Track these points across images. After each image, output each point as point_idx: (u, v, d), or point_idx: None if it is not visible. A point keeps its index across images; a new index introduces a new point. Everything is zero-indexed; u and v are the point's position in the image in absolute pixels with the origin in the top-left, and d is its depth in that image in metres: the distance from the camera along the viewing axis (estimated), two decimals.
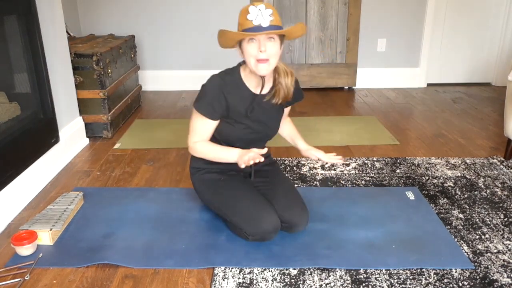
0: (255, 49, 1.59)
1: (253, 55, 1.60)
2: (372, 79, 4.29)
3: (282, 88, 1.73)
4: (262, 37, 1.58)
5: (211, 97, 1.71)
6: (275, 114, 1.87)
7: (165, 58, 4.19)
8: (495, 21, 4.16)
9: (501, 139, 2.88)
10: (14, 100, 2.22)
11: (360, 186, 2.26)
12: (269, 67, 1.63)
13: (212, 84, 1.72)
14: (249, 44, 1.60)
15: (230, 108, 1.73)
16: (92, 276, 1.60)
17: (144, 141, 2.92)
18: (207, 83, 1.73)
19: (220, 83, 1.72)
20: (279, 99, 1.76)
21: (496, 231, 1.85)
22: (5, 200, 1.96)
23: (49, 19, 2.44)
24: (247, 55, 1.62)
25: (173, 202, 2.10)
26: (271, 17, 1.56)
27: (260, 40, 1.58)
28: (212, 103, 1.71)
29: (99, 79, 2.86)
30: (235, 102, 1.74)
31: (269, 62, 1.62)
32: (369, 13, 4.06)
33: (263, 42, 1.58)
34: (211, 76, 1.74)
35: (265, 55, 1.59)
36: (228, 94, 1.72)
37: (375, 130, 3.10)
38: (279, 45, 1.64)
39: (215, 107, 1.71)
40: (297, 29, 1.64)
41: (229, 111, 1.74)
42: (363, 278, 1.57)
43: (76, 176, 2.42)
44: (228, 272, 1.60)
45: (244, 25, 1.58)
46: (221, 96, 1.71)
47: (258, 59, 1.60)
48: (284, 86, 1.73)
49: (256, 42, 1.59)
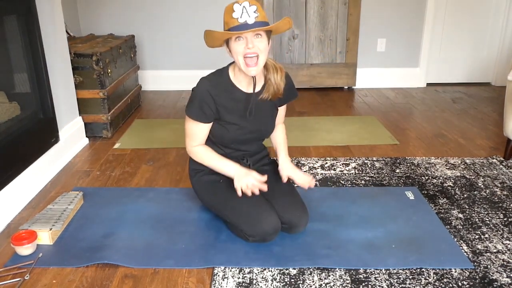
0: (242, 47, 1.59)
1: (241, 52, 1.59)
2: (372, 79, 4.29)
3: (272, 84, 1.73)
4: (249, 35, 1.57)
5: (200, 101, 1.70)
6: (270, 113, 1.85)
7: (165, 58, 4.19)
8: (495, 21, 4.17)
9: (500, 139, 2.88)
10: (14, 100, 2.22)
11: (360, 186, 2.26)
12: (258, 68, 1.62)
13: (199, 88, 1.71)
14: (236, 42, 1.60)
15: (221, 110, 1.73)
16: (92, 276, 1.60)
17: (144, 141, 2.92)
18: (196, 87, 1.73)
19: (208, 86, 1.71)
20: (269, 95, 1.74)
21: (496, 231, 1.85)
22: (5, 200, 1.96)
23: (49, 19, 2.44)
24: (235, 53, 1.62)
25: (173, 202, 2.10)
26: (256, 13, 1.55)
27: (247, 38, 1.58)
28: (201, 107, 1.71)
29: (99, 79, 2.86)
30: (226, 103, 1.73)
31: (258, 60, 1.60)
32: (369, 13, 4.06)
33: (250, 39, 1.58)
34: (200, 79, 1.73)
35: (254, 50, 1.58)
36: (217, 96, 1.71)
37: (375, 130, 3.10)
38: (266, 41, 1.63)
39: (205, 110, 1.71)
40: (283, 24, 1.63)
41: (220, 113, 1.73)
42: (362, 278, 1.57)
43: (76, 176, 2.42)
44: (228, 272, 1.60)
45: (229, 23, 1.58)
46: (210, 99, 1.70)
47: (247, 56, 1.59)
48: (273, 82, 1.72)
49: (243, 40, 1.58)
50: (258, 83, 1.75)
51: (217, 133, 1.79)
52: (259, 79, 1.74)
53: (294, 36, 4.06)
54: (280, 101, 1.86)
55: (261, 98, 1.76)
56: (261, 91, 1.76)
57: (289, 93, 1.85)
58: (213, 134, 1.80)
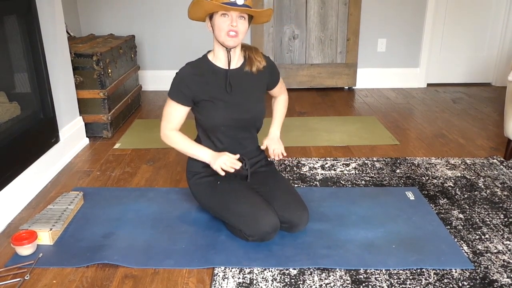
0: (227, 24, 1.67)
1: (224, 29, 1.68)
2: (372, 79, 4.29)
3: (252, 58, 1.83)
4: (234, 14, 1.67)
5: (179, 83, 1.79)
6: (256, 91, 1.89)
7: (165, 58, 4.19)
8: (495, 21, 4.17)
9: (501, 139, 2.88)
10: (14, 100, 2.22)
11: (360, 186, 2.26)
12: (237, 40, 1.71)
13: (181, 71, 1.80)
14: (221, 18, 1.68)
15: (201, 89, 1.78)
16: (92, 276, 1.60)
17: (144, 141, 2.92)
18: (178, 71, 1.81)
19: (188, 68, 1.80)
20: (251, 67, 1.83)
21: (496, 231, 1.85)
22: (5, 200, 1.96)
23: (49, 19, 2.44)
24: (217, 28, 1.70)
25: (173, 202, 2.10)
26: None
27: (232, 16, 1.67)
28: (180, 88, 1.78)
29: (99, 79, 2.86)
30: (208, 81, 1.79)
31: (237, 37, 1.70)
32: (369, 13, 4.07)
33: (235, 19, 1.67)
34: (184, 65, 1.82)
35: (236, 29, 1.68)
36: (198, 76, 1.78)
37: (375, 130, 3.10)
38: (247, 25, 1.73)
39: (185, 92, 1.78)
40: (265, 15, 1.75)
41: (200, 94, 1.78)
42: (363, 278, 1.57)
43: (76, 176, 2.42)
44: (228, 272, 1.60)
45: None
46: (190, 80, 1.77)
47: (229, 33, 1.68)
48: (254, 55, 1.84)
49: (228, 18, 1.67)
50: (238, 61, 1.83)
51: (207, 113, 1.81)
52: (238, 58, 1.83)
53: (295, 36, 4.06)
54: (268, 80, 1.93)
55: (244, 74, 1.84)
56: (241, 68, 1.84)
57: (272, 68, 1.93)
58: (204, 115, 1.82)
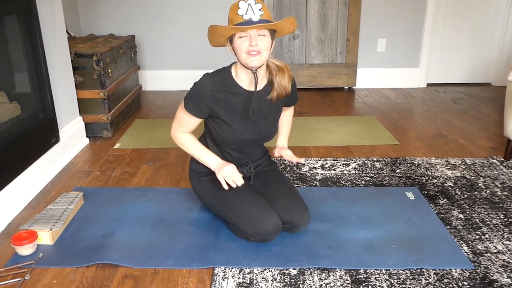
0: (246, 44, 1.58)
1: (244, 50, 1.59)
2: (372, 79, 4.29)
3: (276, 87, 1.73)
4: (253, 32, 1.57)
5: (198, 97, 1.71)
6: (273, 114, 1.84)
7: (165, 58, 4.19)
8: (495, 21, 4.16)
9: (501, 139, 2.88)
10: (14, 100, 2.22)
11: (360, 186, 2.26)
12: (261, 59, 1.61)
13: (200, 84, 1.71)
14: (240, 40, 1.59)
15: (219, 107, 1.72)
16: (92, 276, 1.60)
17: (144, 141, 2.92)
18: (198, 81, 1.73)
19: (209, 82, 1.70)
20: (274, 96, 1.74)
21: (496, 231, 1.85)
22: (5, 200, 1.96)
23: (49, 19, 2.44)
24: (238, 50, 1.61)
25: (173, 202, 2.10)
26: (261, 11, 1.56)
27: (251, 35, 1.58)
28: (198, 103, 1.71)
29: (99, 79, 2.86)
30: (227, 99, 1.72)
31: (261, 55, 1.60)
32: (369, 13, 4.07)
33: (254, 37, 1.57)
34: (203, 75, 1.73)
35: (257, 48, 1.58)
36: (218, 92, 1.70)
37: (375, 130, 3.10)
38: (270, 40, 1.63)
39: (201, 107, 1.72)
40: (287, 24, 1.63)
41: (218, 110, 1.72)
42: (363, 278, 1.57)
43: (76, 176, 2.42)
44: (228, 272, 1.60)
45: (234, 20, 1.58)
46: (209, 96, 1.70)
47: (250, 53, 1.59)
48: (278, 83, 1.73)
49: (247, 38, 1.58)
50: (261, 83, 1.74)
51: (219, 132, 1.78)
52: (261, 79, 1.74)
53: (295, 36, 4.06)
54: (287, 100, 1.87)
55: (265, 98, 1.75)
56: (264, 91, 1.76)
57: (293, 91, 1.86)
58: (216, 133, 1.79)
